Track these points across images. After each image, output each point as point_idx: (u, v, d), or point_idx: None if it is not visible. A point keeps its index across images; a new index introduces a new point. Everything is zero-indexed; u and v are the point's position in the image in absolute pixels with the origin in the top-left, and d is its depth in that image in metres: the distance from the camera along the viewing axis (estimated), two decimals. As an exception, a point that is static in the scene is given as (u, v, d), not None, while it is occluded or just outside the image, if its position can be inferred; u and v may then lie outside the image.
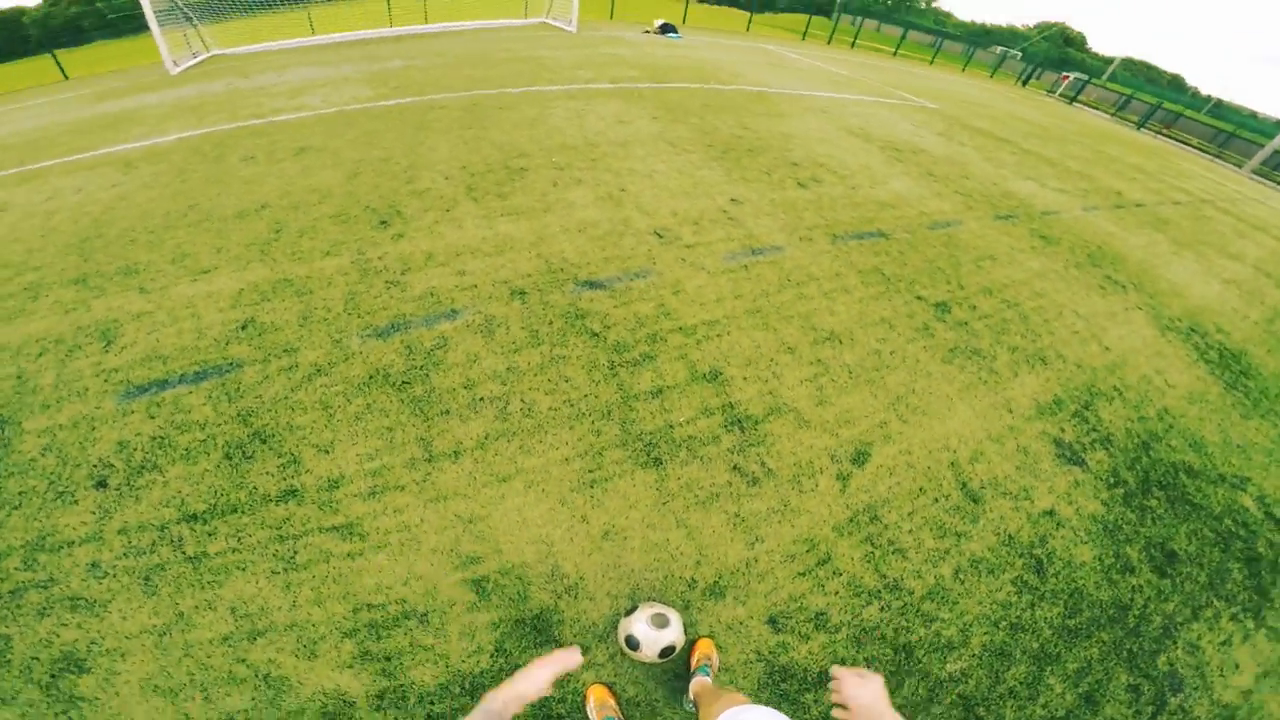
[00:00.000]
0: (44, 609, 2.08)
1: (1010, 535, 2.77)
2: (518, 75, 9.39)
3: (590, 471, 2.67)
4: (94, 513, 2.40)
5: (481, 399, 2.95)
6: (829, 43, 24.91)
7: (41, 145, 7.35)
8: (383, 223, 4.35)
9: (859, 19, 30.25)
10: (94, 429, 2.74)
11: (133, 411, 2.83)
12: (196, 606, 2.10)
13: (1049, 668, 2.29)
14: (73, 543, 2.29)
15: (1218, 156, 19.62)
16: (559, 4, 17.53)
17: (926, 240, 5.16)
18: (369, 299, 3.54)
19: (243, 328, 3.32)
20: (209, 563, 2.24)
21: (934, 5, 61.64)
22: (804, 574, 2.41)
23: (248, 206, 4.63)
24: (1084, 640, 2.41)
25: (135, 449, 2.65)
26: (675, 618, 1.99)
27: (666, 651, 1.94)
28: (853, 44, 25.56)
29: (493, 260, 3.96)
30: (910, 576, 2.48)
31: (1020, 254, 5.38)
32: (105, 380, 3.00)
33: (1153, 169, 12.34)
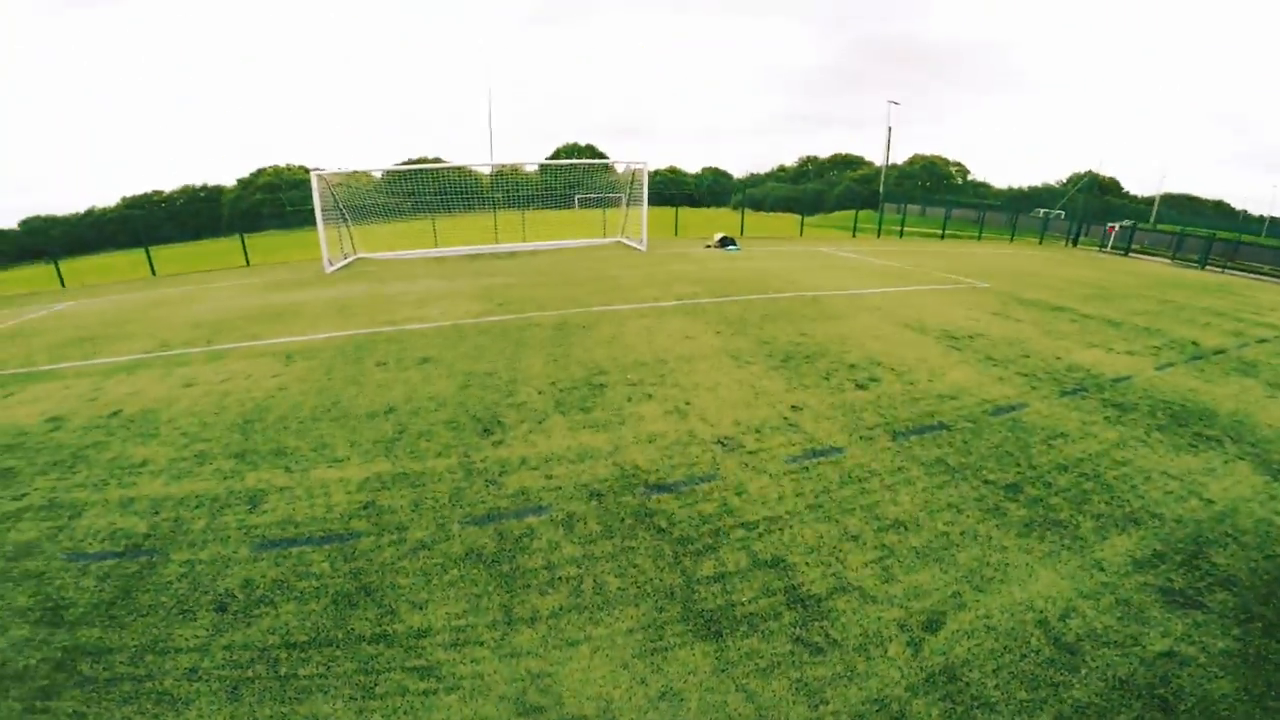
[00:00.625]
0: (129, 698, 2.42)
1: (1121, 679, 2.56)
2: (597, 294, 11.04)
3: (653, 642, 2.81)
4: (208, 630, 2.84)
5: (559, 578, 3.25)
6: (878, 235, 27.28)
7: (225, 329, 9.35)
8: (486, 430, 5.10)
9: (903, 206, 33.14)
10: (227, 567, 3.31)
11: (262, 559, 3.39)
12: (271, 717, 2.34)
13: None
14: (180, 650, 2.70)
15: None
16: (631, 225, 20.77)
17: (990, 426, 5.26)
18: (470, 494, 4.10)
19: (364, 507, 3.93)
20: (295, 683, 2.53)
21: (970, 179, 66.39)
22: None
23: (378, 408, 5.62)
24: None
25: (258, 586, 3.15)
26: None
27: None
28: (900, 233, 27.81)
29: (575, 466, 4.49)
30: None
31: (1093, 426, 5.33)
32: (246, 533, 3.64)
33: (1226, 308, 11.95)
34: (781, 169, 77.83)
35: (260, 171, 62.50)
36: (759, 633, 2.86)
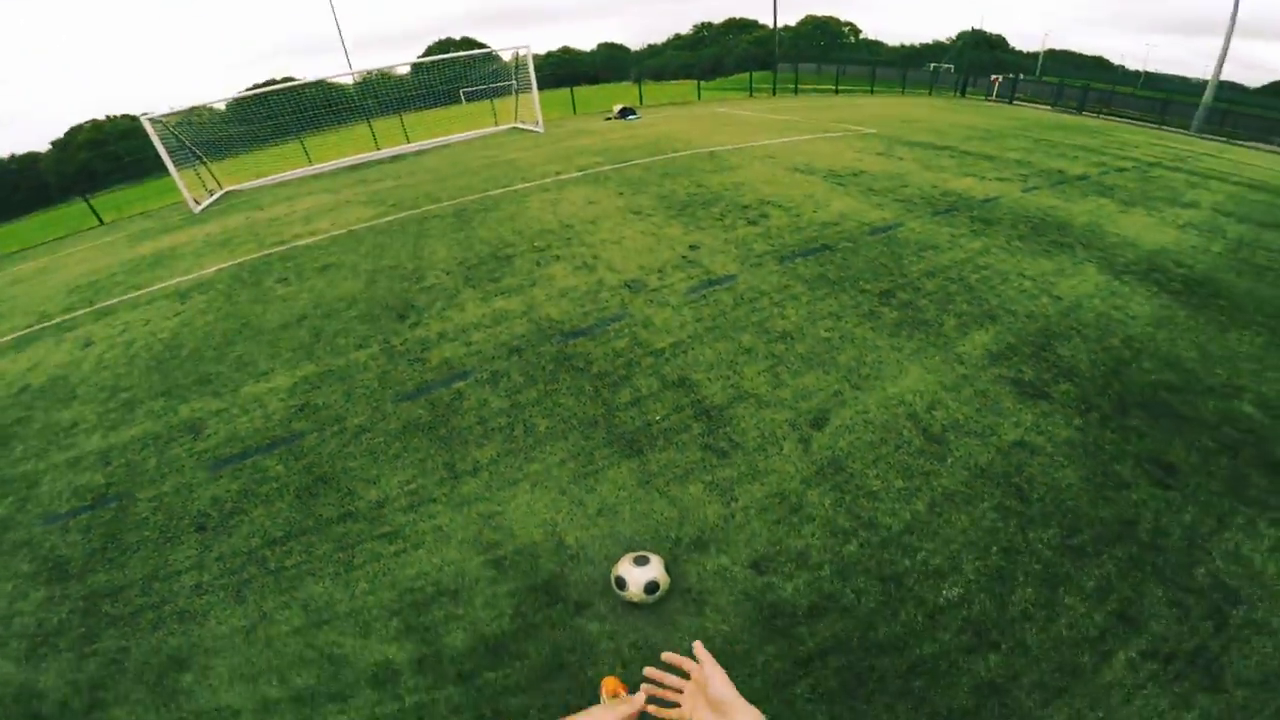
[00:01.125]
0: (157, 623, 2.72)
1: (981, 468, 3.02)
2: (496, 179, 10.63)
3: (584, 468, 3.27)
4: (196, 549, 3.09)
5: (492, 429, 3.62)
6: (773, 94, 26.92)
7: (104, 286, 8.52)
8: (400, 316, 5.19)
9: (796, 65, 32.60)
10: (192, 491, 3.49)
11: (222, 477, 3.57)
12: (276, 607, 2.70)
13: (1060, 587, 2.40)
14: (180, 571, 2.97)
15: (1161, 124, 20.43)
16: (524, 109, 19.46)
17: (868, 244, 5.85)
18: (396, 375, 4.30)
19: (300, 409, 4.08)
20: (286, 574, 2.87)
21: (863, 38, 65.53)
22: (779, 522, 2.84)
23: (289, 319, 5.53)
24: (1092, 557, 2.52)
25: (226, 501, 3.36)
26: (655, 558, 2.51)
27: (651, 588, 2.41)
28: (794, 90, 27.58)
29: (492, 330, 4.73)
30: (884, 514, 2.81)
31: (960, 239, 5.94)
32: (197, 459, 3.76)
33: (1096, 145, 12.78)
34: (678, 36, 73.15)
35: (76, 129, 54.06)
36: (674, 445, 3.36)
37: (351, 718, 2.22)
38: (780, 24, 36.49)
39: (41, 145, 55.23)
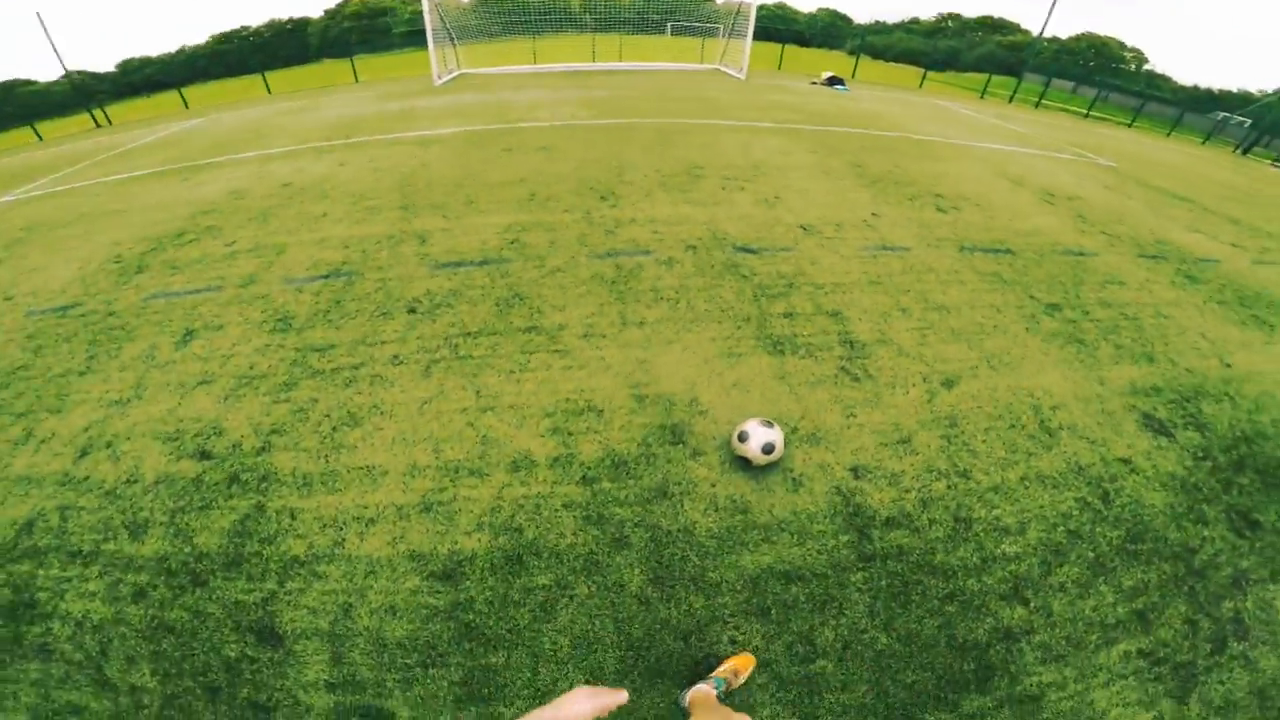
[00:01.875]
0: (350, 381, 3.56)
1: (1080, 465, 3.18)
2: (694, 110, 11.11)
3: (730, 349, 3.83)
4: (403, 326, 4.03)
5: (661, 297, 4.31)
6: (1010, 101, 24.27)
7: (358, 127, 10.38)
8: (602, 197, 6.01)
9: (1049, 79, 28.84)
10: (411, 281, 4.52)
11: (438, 275, 4.58)
12: (454, 388, 3.49)
13: (1102, 577, 2.63)
14: (385, 342, 3.88)
15: None
16: (731, 53, 19.47)
17: (1054, 261, 5.65)
18: (593, 238, 5.11)
19: (511, 243, 5.03)
20: (471, 362, 3.69)
21: (1146, 69, 55.37)
22: (885, 445, 3.21)
23: (511, 179, 6.59)
24: (1142, 564, 2.72)
25: (437, 294, 4.34)
26: (779, 427, 3.01)
27: (767, 448, 2.87)
28: (1037, 103, 24.62)
29: (676, 227, 5.37)
30: (979, 471, 3.09)
31: (1154, 286, 5.50)
32: (420, 259, 4.83)
33: None
34: (914, 21, 66.80)
35: (346, 1, 61.95)
36: (813, 357, 3.81)
37: (482, 492, 2.83)
38: (1049, 34, 31.90)
39: (315, 11, 64.36)
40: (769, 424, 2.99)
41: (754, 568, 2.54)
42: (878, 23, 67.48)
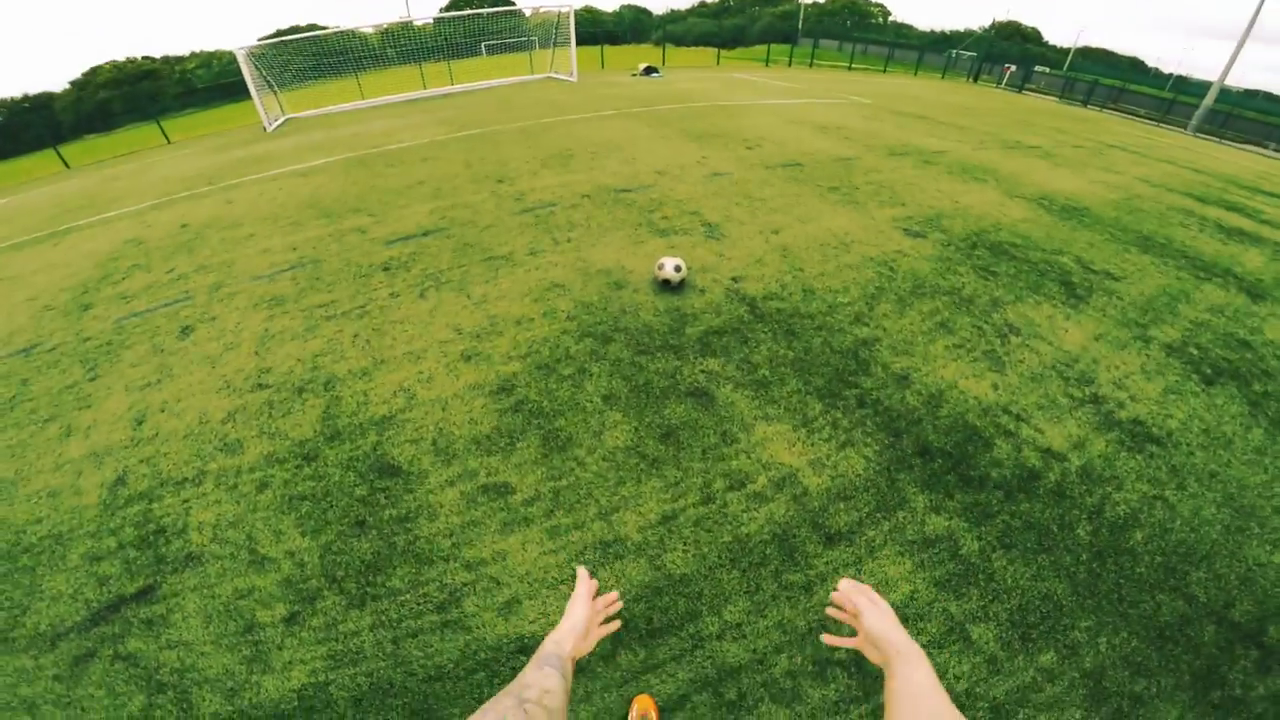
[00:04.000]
0: (362, 314, 4.83)
1: (870, 257, 5.28)
2: (544, 112, 12.74)
3: (635, 239, 5.51)
4: (385, 278, 5.16)
5: (575, 223, 5.91)
6: (789, 65, 28.64)
7: (216, 174, 10.36)
8: (499, 181, 7.43)
9: (817, 41, 34.09)
10: (371, 254, 5.64)
11: (392, 248, 5.74)
12: (448, 298, 4.82)
13: (908, 306, 4.47)
14: (376, 289, 5.00)
15: (1160, 122, 21.23)
16: (559, 60, 21.33)
17: (829, 165, 8.08)
18: (506, 205, 6.55)
19: (441, 218, 6.31)
20: (454, 282, 4.98)
21: (892, 20, 65.52)
22: (747, 265, 5.12)
23: (410, 183, 7.74)
24: (929, 298, 4.58)
25: (401, 257, 5.52)
26: (681, 258, 4.77)
27: (678, 268, 4.57)
28: (809, 64, 29.29)
29: (568, 186, 6.99)
30: (810, 268, 4.96)
31: (902, 169, 8.10)
32: (370, 241, 5.92)
33: (1072, 129, 14.08)
34: (703, 4, 73.42)
35: (95, 70, 55.68)
36: (687, 234, 5.55)
37: (502, 342, 4.25)
38: (810, 0, 37.42)
39: (56, 85, 56.36)
40: (674, 258, 4.75)
41: (697, 333, 4.20)
42: (672, 11, 73.22)
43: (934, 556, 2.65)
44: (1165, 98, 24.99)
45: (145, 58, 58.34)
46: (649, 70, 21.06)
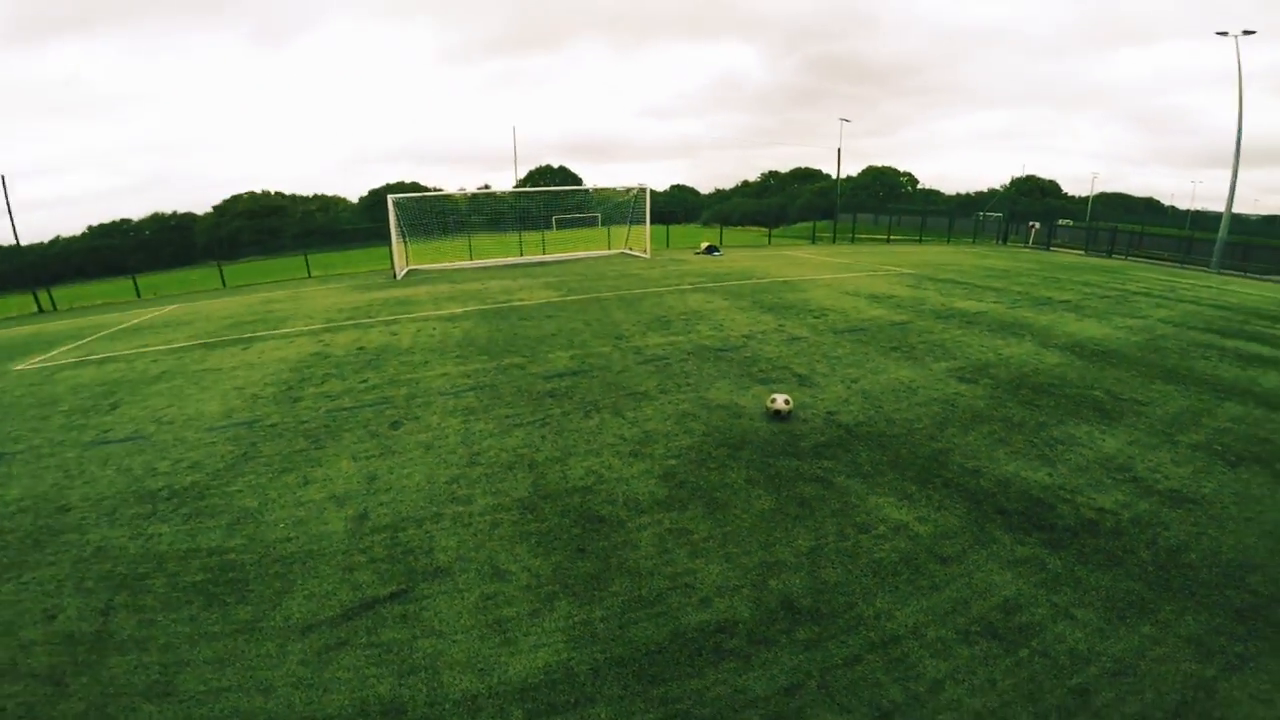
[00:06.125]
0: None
1: (933, 398, 6.35)
2: (632, 284, 15.31)
3: (737, 384, 6.91)
4: (552, 404, 6.70)
5: (688, 373, 7.39)
6: (833, 241, 32.36)
7: (367, 310, 12.85)
8: (617, 338, 9.31)
9: (855, 216, 38.30)
10: (534, 384, 7.14)
11: (551, 381, 7.31)
12: (609, 418, 6.38)
13: (971, 429, 5.86)
14: (550, 412, 6.68)
15: (1183, 263, 22.07)
16: (634, 237, 25.19)
17: (887, 329, 9.66)
18: (628, 356, 8.26)
19: (581, 363, 7.98)
20: (605, 408, 6.54)
21: (919, 187, 70.74)
22: (834, 404, 6.50)
23: (545, 335, 9.70)
24: (985, 423, 5.85)
25: (559, 389, 7.06)
26: (789, 396, 6.13)
27: (787, 401, 5.92)
28: (851, 239, 32.99)
29: (674, 345, 8.77)
30: (888, 405, 6.33)
31: (949, 329, 9.64)
32: (532, 376, 7.46)
33: (1098, 281, 15.73)
34: (745, 184, 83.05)
35: (235, 198, 62.18)
36: (780, 381, 6.99)
37: (661, 447, 5.68)
38: (843, 174, 42.47)
39: (200, 207, 63.04)
40: (782, 394, 6.14)
41: (808, 445, 5.21)
42: (718, 191, 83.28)
43: (1027, 570, 3.63)
44: (1184, 236, 25.74)
45: (278, 193, 64.39)
46: (710, 249, 24.43)
